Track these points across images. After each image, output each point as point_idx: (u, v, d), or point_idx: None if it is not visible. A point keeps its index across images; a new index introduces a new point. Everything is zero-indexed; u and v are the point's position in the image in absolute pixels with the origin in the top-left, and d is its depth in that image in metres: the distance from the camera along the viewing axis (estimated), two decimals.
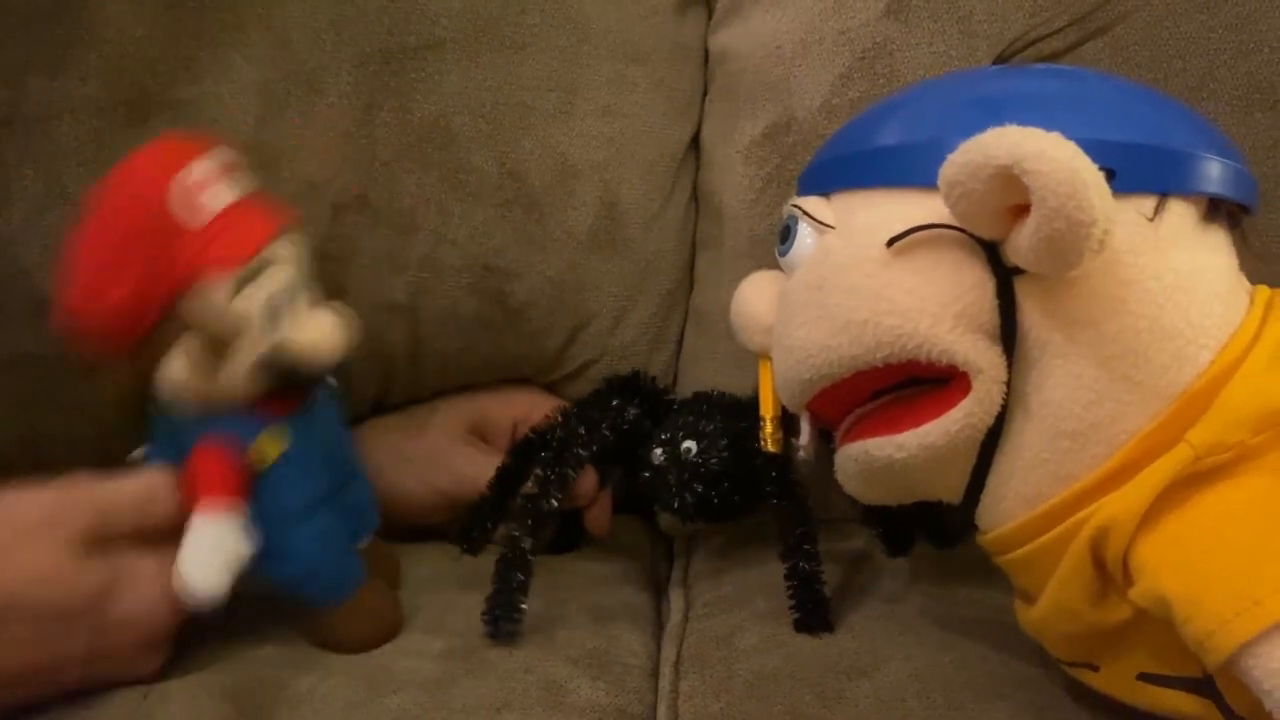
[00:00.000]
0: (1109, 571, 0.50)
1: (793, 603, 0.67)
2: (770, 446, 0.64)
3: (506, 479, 0.73)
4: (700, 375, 0.82)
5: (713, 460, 0.71)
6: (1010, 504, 0.53)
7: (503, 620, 0.65)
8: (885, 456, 0.54)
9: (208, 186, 0.58)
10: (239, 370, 0.60)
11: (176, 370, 0.59)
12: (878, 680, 0.61)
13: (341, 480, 0.66)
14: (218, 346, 0.59)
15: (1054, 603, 0.52)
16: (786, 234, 0.59)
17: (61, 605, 0.58)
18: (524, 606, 0.66)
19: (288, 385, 0.61)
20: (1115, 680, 0.54)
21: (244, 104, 0.75)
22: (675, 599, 0.74)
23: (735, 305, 0.63)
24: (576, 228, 0.80)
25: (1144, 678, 0.52)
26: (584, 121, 0.80)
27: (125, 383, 0.62)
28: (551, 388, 0.84)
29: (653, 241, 0.83)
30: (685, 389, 0.82)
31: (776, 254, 0.60)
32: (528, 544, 0.66)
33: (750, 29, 0.83)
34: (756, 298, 0.62)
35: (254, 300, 0.59)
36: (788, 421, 0.64)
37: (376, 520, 0.70)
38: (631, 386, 0.77)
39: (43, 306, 0.74)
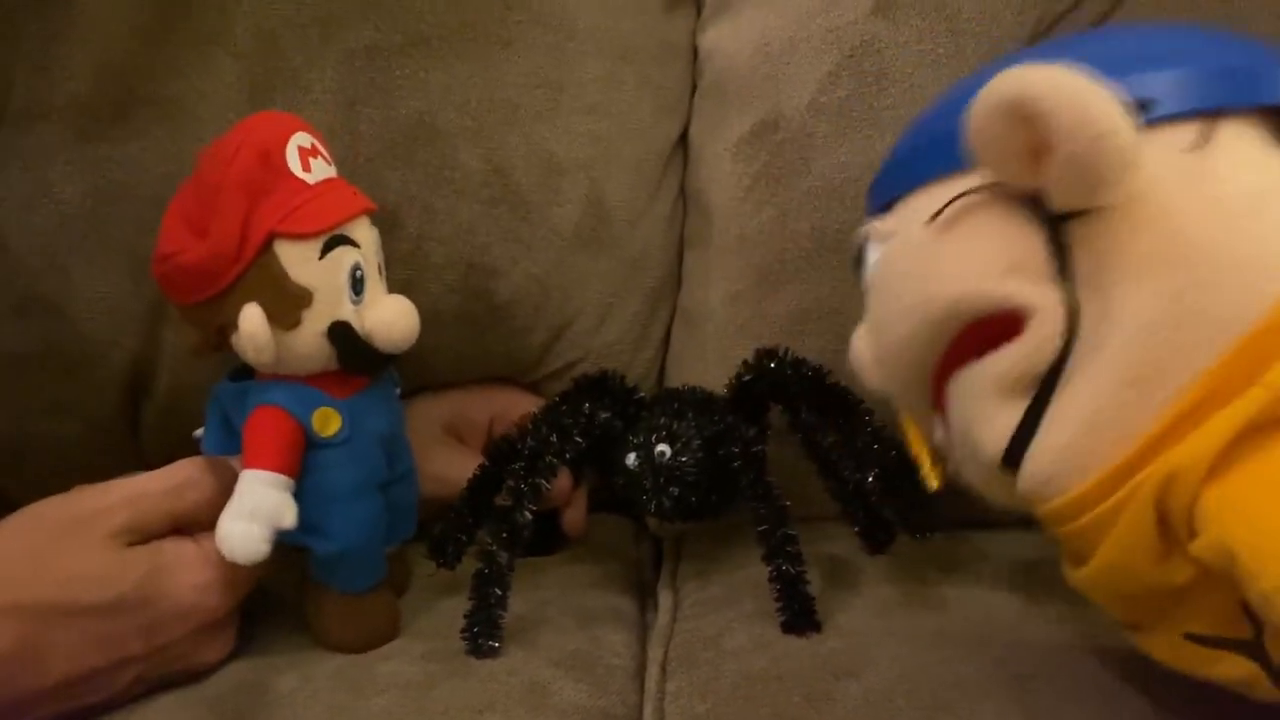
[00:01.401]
0: (1173, 527, 0.47)
1: (779, 604, 0.66)
2: (934, 482, 0.60)
3: (479, 489, 0.73)
4: (687, 374, 0.82)
5: (686, 462, 0.70)
6: (1068, 474, 0.49)
7: (482, 637, 0.65)
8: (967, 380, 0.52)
9: (316, 155, 0.63)
10: (311, 335, 0.61)
11: (254, 324, 0.60)
12: (865, 681, 0.61)
13: (393, 476, 0.67)
14: (287, 311, 0.60)
15: (1109, 562, 0.49)
16: (859, 258, 0.58)
17: (110, 602, 0.58)
18: (503, 622, 0.65)
19: (353, 365, 0.63)
20: (1159, 639, 0.52)
21: (228, 100, 0.75)
22: (663, 599, 0.74)
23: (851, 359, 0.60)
24: (562, 225, 0.80)
25: (1191, 638, 0.50)
26: (570, 119, 0.80)
27: (204, 335, 0.62)
28: (534, 387, 0.84)
29: (639, 239, 0.83)
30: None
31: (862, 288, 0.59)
32: (504, 558, 0.66)
33: (739, 27, 0.83)
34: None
35: (341, 264, 0.62)
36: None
37: (412, 529, 0.71)
38: (600, 387, 0.77)
39: (29, 305, 0.74)
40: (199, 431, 0.68)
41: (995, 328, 0.50)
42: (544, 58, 0.79)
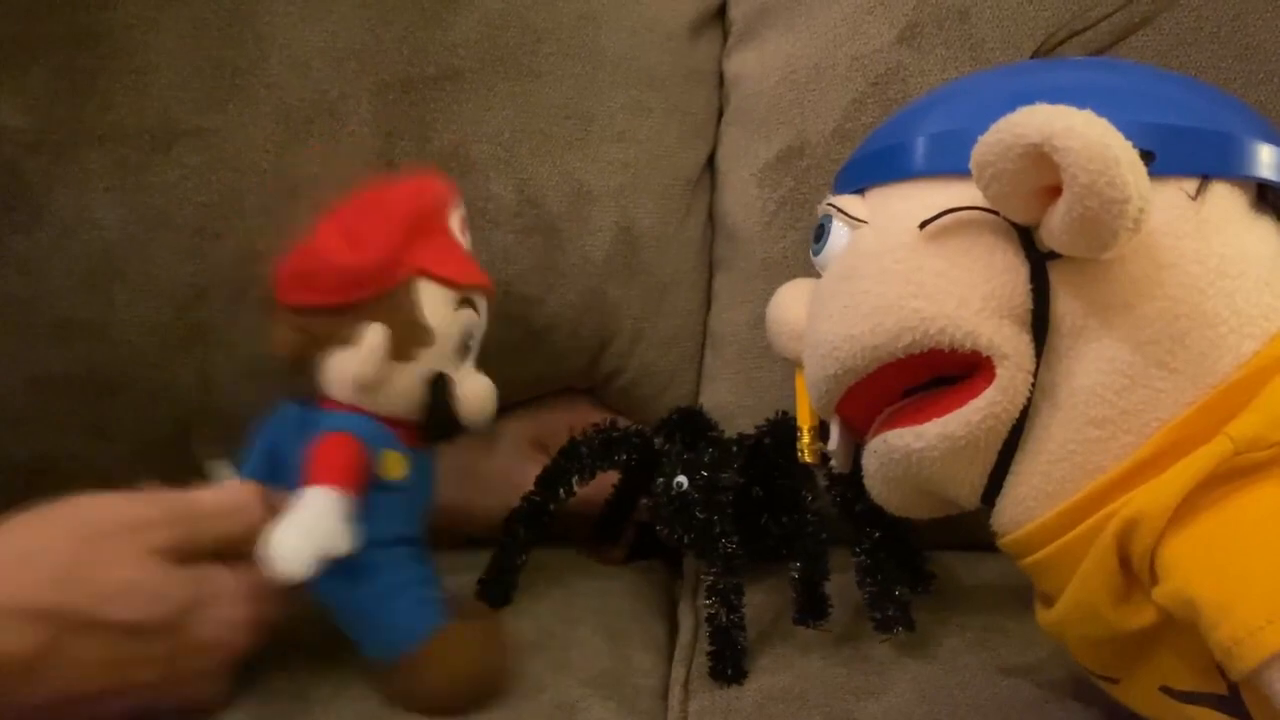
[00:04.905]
0: (1134, 570, 0.47)
1: (710, 649, 0.66)
2: (807, 457, 0.62)
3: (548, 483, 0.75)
4: (716, 395, 0.83)
5: (700, 497, 0.69)
6: (1032, 503, 0.50)
7: (494, 594, 0.72)
8: (903, 446, 0.52)
9: (466, 230, 0.68)
10: (414, 377, 0.62)
11: (376, 340, 0.60)
12: (885, 701, 0.62)
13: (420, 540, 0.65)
14: (407, 344, 0.62)
15: (1075, 602, 0.50)
16: (820, 233, 0.57)
17: (140, 623, 0.54)
18: (511, 591, 0.72)
19: (431, 421, 0.63)
20: (1135, 693, 0.52)
21: (266, 131, 0.76)
22: (685, 620, 0.74)
23: (770, 311, 0.61)
24: (594, 253, 0.81)
25: (1166, 691, 0.50)
26: (600, 147, 0.81)
27: (300, 340, 0.62)
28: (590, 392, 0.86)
29: (669, 264, 0.84)
30: (705, 408, 0.82)
31: (811, 255, 0.58)
32: (520, 533, 0.72)
33: (764, 54, 0.84)
34: (792, 303, 0.60)
35: (465, 323, 0.64)
36: (828, 433, 0.60)
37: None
38: (687, 423, 0.79)
39: (71, 328, 0.76)
40: (219, 466, 0.64)
41: (944, 359, 0.51)
42: (573, 88, 0.80)
